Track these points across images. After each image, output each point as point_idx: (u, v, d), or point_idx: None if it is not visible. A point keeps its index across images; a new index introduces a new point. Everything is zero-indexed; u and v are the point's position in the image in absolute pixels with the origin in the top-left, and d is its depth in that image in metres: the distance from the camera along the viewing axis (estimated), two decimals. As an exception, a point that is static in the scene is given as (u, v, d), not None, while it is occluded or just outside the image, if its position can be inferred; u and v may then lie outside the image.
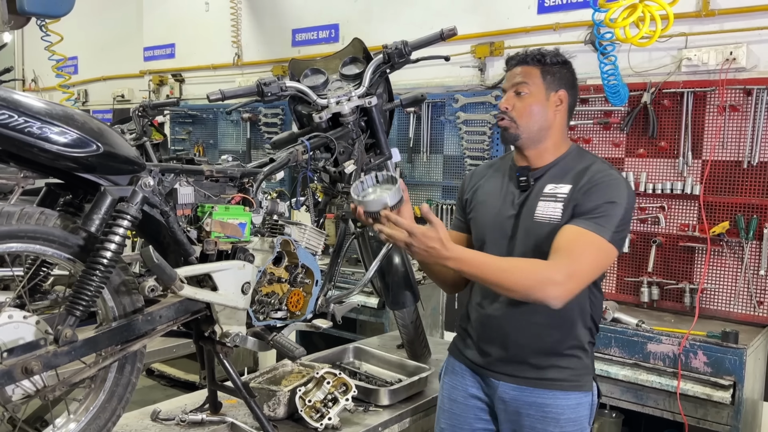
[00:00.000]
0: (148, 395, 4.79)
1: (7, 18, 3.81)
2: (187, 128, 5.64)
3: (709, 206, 3.09)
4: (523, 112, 1.80)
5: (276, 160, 2.07)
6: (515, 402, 1.81)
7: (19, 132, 1.37)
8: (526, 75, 1.81)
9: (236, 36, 5.35)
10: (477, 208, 1.95)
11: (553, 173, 1.81)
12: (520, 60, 1.84)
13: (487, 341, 1.87)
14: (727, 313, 3.06)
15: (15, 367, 1.42)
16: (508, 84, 1.86)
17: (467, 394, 1.92)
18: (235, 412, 2.16)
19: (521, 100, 1.81)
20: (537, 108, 1.80)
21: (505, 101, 1.84)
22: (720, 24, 3.07)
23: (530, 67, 1.82)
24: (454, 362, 1.98)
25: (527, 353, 1.80)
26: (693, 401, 2.65)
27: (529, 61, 1.82)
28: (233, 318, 1.87)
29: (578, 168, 1.79)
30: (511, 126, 1.81)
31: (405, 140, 4.18)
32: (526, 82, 1.80)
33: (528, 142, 1.82)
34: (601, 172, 1.75)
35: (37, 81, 7.64)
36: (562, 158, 1.83)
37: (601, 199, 1.70)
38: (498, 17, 3.83)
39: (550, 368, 1.78)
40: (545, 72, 1.81)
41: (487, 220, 1.89)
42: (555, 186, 1.78)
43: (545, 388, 1.78)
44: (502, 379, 1.83)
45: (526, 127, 1.80)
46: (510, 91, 1.84)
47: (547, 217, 1.76)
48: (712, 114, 3.08)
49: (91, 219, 1.52)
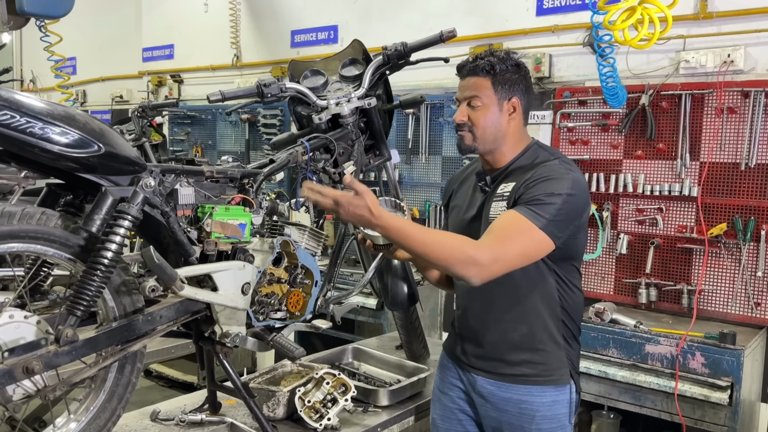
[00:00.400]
0: (146, 396, 4.78)
1: (6, 18, 3.81)
2: (186, 129, 5.64)
3: (707, 208, 3.10)
4: (478, 124, 1.81)
5: (276, 160, 2.08)
6: (493, 397, 1.86)
7: (20, 132, 1.37)
8: (477, 87, 1.82)
9: (235, 37, 5.35)
10: (451, 213, 2.03)
11: (507, 174, 1.85)
12: (470, 71, 1.84)
13: (465, 338, 1.95)
14: (724, 315, 3.07)
15: (16, 366, 1.42)
16: (460, 95, 1.86)
17: (452, 386, 1.99)
18: (235, 412, 2.16)
19: (474, 112, 1.82)
20: (491, 119, 1.81)
21: (459, 114, 1.84)
22: (718, 26, 3.08)
23: (481, 79, 1.81)
24: (444, 356, 2.06)
25: (499, 349, 1.85)
26: (691, 402, 2.66)
27: (479, 72, 1.81)
28: (233, 318, 1.88)
29: (530, 165, 1.82)
30: (467, 137, 1.83)
31: (404, 141, 4.18)
32: (478, 95, 1.81)
33: (484, 150, 1.86)
34: (545, 167, 1.76)
35: (35, 81, 7.63)
36: (517, 159, 1.86)
37: (540, 190, 1.71)
38: (496, 19, 3.84)
39: (522, 363, 1.82)
40: (496, 82, 1.81)
41: (456, 224, 1.97)
42: (504, 185, 1.82)
43: (519, 383, 1.82)
44: (479, 374, 1.89)
45: (482, 137, 1.82)
46: (463, 103, 1.85)
47: (495, 216, 1.79)
48: (710, 116, 3.09)
49: (92, 219, 1.52)
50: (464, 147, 1.86)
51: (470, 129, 1.82)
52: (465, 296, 1.97)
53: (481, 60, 1.83)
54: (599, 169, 3.41)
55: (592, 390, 2.91)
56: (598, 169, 3.42)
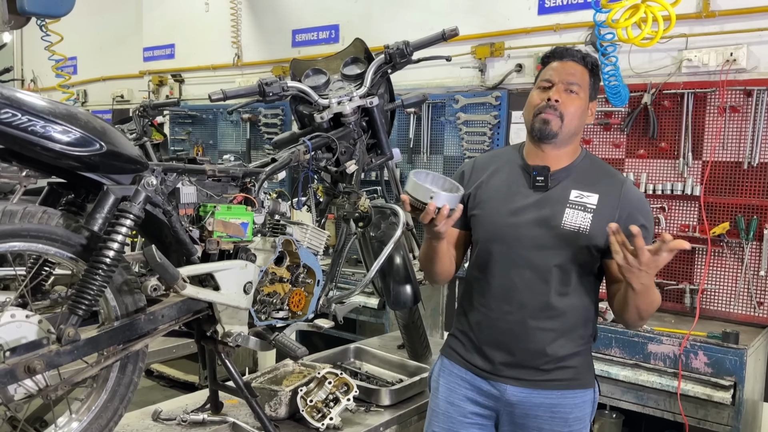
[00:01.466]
0: (147, 396, 4.77)
1: (7, 18, 3.80)
2: (187, 129, 5.64)
3: (710, 207, 3.09)
4: (571, 111, 1.73)
5: (278, 159, 2.07)
6: (523, 404, 1.78)
7: (22, 131, 1.37)
8: (580, 75, 1.75)
9: (236, 36, 5.35)
10: (482, 205, 1.84)
11: (573, 178, 1.77)
12: (576, 57, 1.77)
13: (492, 345, 1.81)
14: (727, 314, 3.06)
15: (18, 366, 1.42)
16: (557, 76, 1.75)
17: (466, 398, 1.85)
18: (236, 412, 2.16)
19: (571, 99, 1.74)
20: (581, 111, 1.76)
21: (556, 94, 1.73)
22: (720, 25, 3.07)
23: (584, 69, 1.76)
24: (451, 365, 1.90)
25: (534, 358, 1.76)
26: (693, 402, 2.65)
27: (585, 62, 1.76)
28: (235, 318, 1.87)
29: (598, 175, 1.78)
30: (556, 122, 1.73)
31: (405, 141, 4.18)
32: (579, 83, 1.74)
33: (558, 142, 1.76)
34: (633, 191, 1.78)
35: (36, 81, 7.63)
36: (578, 162, 1.80)
37: (650, 226, 1.76)
38: (498, 18, 3.83)
39: (556, 369, 1.77)
40: (592, 79, 1.78)
41: (496, 219, 1.80)
42: (581, 194, 1.74)
43: (553, 388, 1.77)
44: (509, 382, 1.79)
45: (568, 126, 1.74)
46: (560, 85, 1.74)
47: (576, 226, 1.72)
48: (713, 115, 3.08)
49: (94, 218, 1.52)
50: (548, 131, 1.73)
51: (561, 114, 1.72)
52: (497, 301, 1.79)
53: (584, 53, 1.78)
54: (601, 169, 3.40)
55: (595, 389, 2.90)
56: (600, 168, 3.41)
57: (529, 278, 1.75)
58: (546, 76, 1.78)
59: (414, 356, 2.64)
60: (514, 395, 1.78)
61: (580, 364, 1.80)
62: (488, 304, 1.81)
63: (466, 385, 1.86)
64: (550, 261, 1.74)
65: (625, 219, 1.69)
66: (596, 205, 1.73)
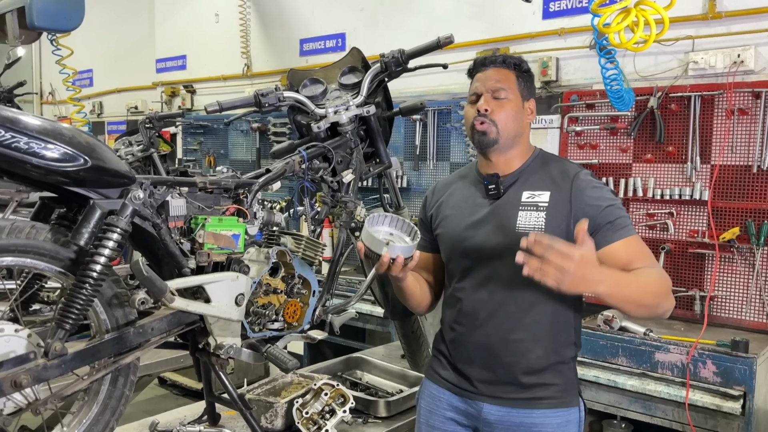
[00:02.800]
0: (160, 405, 4.80)
1: (18, 33, 3.86)
2: (199, 139, 5.69)
3: (719, 212, 3.03)
4: (503, 117, 1.72)
5: (272, 170, 2.07)
6: (501, 423, 1.71)
7: (5, 147, 1.38)
8: (505, 79, 1.74)
9: (245, 47, 5.39)
10: (443, 223, 1.83)
11: (525, 179, 1.75)
12: (498, 62, 1.76)
13: (466, 362, 1.75)
14: (738, 321, 2.99)
15: (4, 380, 1.42)
16: (483, 87, 1.75)
17: (445, 419, 1.79)
18: (234, 423, 2.16)
19: (501, 105, 1.72)
20: (515, 114, 1.74)
21: (485, 103, 1.72)
22: (727, 26, 3.02)
23: (508, 71, 1.75)
24: (431, 385, 1.85)
25: (511, 373, 1.70)
26: (702, 412, 2.59)
27: (507, 65, 1.75)
28: (227, 330, 1.87)
29: (550, 172, 1.74)
30: (491, 131, 1.72)
31: (411, 148, 4.17)
32: (505, 88, 1.73)
33: (502, 148, 1.75)
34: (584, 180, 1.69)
35: (54, 94, 7.76)
36: (529, 163, 1.77)
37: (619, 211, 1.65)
38: (503, 23, 3.81)
39: (535, 387, 1.69)
40: (520, 79, 1.76)
41: (456, 233, 1.78)
42: (532, 194, 1.71)
43: (532, 407, 1.69)
44: (485, 401, 1.72)
45: (505, 132, 1.72)
46: (487, 94, 1.73)
47: (530, 227, 1.67)
48: (721, 118, 3.03)
49: (80, 233, 1.52)
50: (488, 141, 1.72)
51: (493, 122, 1.71)
52: (467, 317, 1.75)
53: (504, 56, 1.78)
54: (608, 174, 3.36)
55: (602, 399, 2.85)
56: (607, 173, 3.37)
57: (494, 289, 1.70)
58: (472, 90, 1.78)
59: (415, 366, 2.62)
60: (492, 414, 1.71)
61: (562, 380, 1.72)
62: (460, 320, 1.76)
63: (444, 405, 1.80)
64: (511, 268, 1.62)
65: (583, 209, 1.64)
66: (548, 201, 1.68)
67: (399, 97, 3.75)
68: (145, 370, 3.15)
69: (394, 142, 4.26)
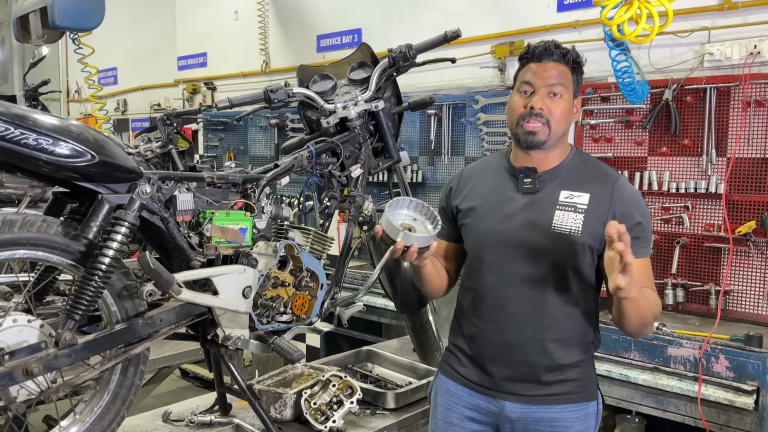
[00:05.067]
0: (182, 396, 4.86)
1: (40, 32, 3.96)
2: (219, 135, 5.76)
3: (735, 205, 2.99)
4: (557, 116, 1.65)
5: (280, 165, 2.11)
6: (522, 420, 1.70)
7: (15, 144, 1.43)
8: (562, 75, 1.66)
9: (264, 44, 5.44)
10: (471, 214, 1.78)
11: (563, 178, 1.70)
12: (556, 56, 1.66)
13: (489, 360, 1.73)
14: (755, 316, 2.95)
15: (16, 369, 1.48)
16: (539, 81, 1.66)
17: (464, 416, 1.78)
18: (245, 413, 2.20)
19: (556, 103, 1.65)
20: (567, 113, 1.68)
21: (540, 101, 1.65)
22: (744, 17, 2.97)
23: (565, 68, 1.67)
24: (448, 382, 1.83)
25: (534, 370, 1.68)
26: (715, 407, 2.57)
27: (567, 60, 1.67)
28: (235, 321, 1.91)
29: (589, 174, 1.71)
30: (543, 131, 1.65)
31: (426, 142, 4.17)
32: (563, 84, 1.65)
33: (548, 147, 1.69)
34: (627, 188, 1.69)
35: (80, 92, 7.91)
36: (567, 162, 1.73)
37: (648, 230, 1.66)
38: (517, 16, 3.79)
39: (556, 383, 1.69)
40: (575, 76, 1.69)
41: (486, 226, 1.74)
42: (571, 194, 1.67)
43: (554, 403, 1.69)
44: (507, 398, 1.70)
45: (555, 133, 1.66)
46: (542, 90, 1.65)
47: (567, 228, 1.64)
48: (737, 110, 2.98)
49: (89, 226, 1.57)
50: (536, 142, 1.66)
51: (548, 121, 1.65)
52: (492, 313, 1.71)
53: (563, 49, 1.68)
54: (623, 167, 3.33)
55: (614, 394, 2.84)
56: (622, 166, 3.34)
57: (523, 286, 1.68)
58: (525, 79, 1.69)
59: (424, 359, 2.64)
60: (513, 411, 1.70)
61: (582, 375, 1.72)
62: (482, 315, 1.74)
63: (464, 403, 1.78)
64: (543, 266, 1.67)
65: (618, 218, 1.61)
66: (587, 205, 1.65)
67: (414, 92, 3.77)
68: (165, 361, 3.23)
69: (409, 136, 4.27)
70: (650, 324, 1.62)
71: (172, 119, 3.87)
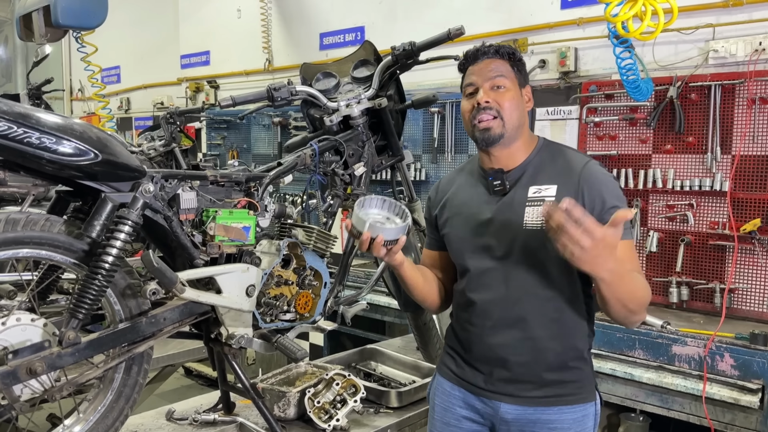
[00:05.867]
0: (186, 394, 4.88)
1: (44, 31, 3.96)
2: (222, 134, 5.76)
3: (740, 203, 2.97)
4: (506, 107, 1.65)
5: (283, 163, 2.10)
6: (518, 421, 1.68)
7: (18, 142, 1.43)
8: (500, 68, 1.67)
9: (267, 42, 5.43)
10: (450, 222, 1.79)
11: (531, 174, 1.69)
12: (490, 53, 1.69)
13: (482, 361, 1.72)
14: (759, 314, 2.94)
15: (20, 367, 1.48)
16: (480, 78, 1.68)
17: (460, 416, 1.77)
18: (248, 412, 2.20)
19: (501, 94, 1.66)
20: (516, 102, 1.67)
21: (485, 95, 1.65)
22: (749, 13, 2.96)
23: (503, 62, 1.69)
24: (445, 382, 1.82)
25: (529, 371, 1.66)
26: (720, 405, 2.56)
27: (501, 54, 1.69)
28: (238, 320, 1.91)
29: (556, 164, 1.68)
30: (497, 123, 1.65)
31: (429, 140, 4.16)
32: (504, 75, 1.67)
33: (506, 141, 1.68)
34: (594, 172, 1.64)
35: (83, 91, 7.92)
36: (534, 156, 1.71)
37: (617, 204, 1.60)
38: (521, 14, 3.78)
39: (553, 384, 1.67)
40: (515, 66, 1.70)
41: (464, 233, 1.74)
42: (539, 188, 1.66)
43: (550, 405, 1.67)
44: (503, 399, 1.69)
45: (510, 123, 1.66)
46: (485, 84, 1.66)
47: (539, 223, 1.61)
48: (742, 107, 2.97)
49: (92, 225, 1.57)
50: (493, 136, 1.65)
51: (498, 113, 1.65)
52: (481, 317, 1.71)
53: (496, 46, 1.72)
54: (628, 165, 3.32)
55: (618, 392, 2.83)
56: (626, 164, 3.32)
57: (509, 288, 1.66)
58: (467, 82, 1.71)
59: (428, 358, 2.63)
60: (509, 412, 1.69)
61: (579, 376, 1.70)
62: (471, 320, 1.73)
63: (460, 404, 1.77)
64: (523, 266, 1.64)
65: (588, 203, 1.58)
66: (555, 196, 1.62)
67: (417, 90, 3.76)
68: (168, 360, 3.23)
69: (413, 134, 4.26)
70: (636, 309, 1.55)
71: (175, 118, 3.87)
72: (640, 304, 1.55)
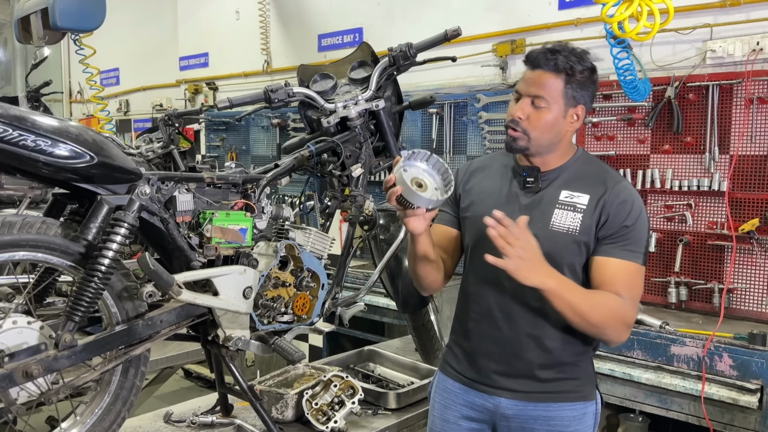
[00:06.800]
0: (185, 396, 4.87)
1: (42, 33, 3.96)
2: (221, 135, 5.75)
3: (738, 203, 2.97)
4: (537, 126, 1.64)
5: (281, 165, 2.10)
6: (518, 417, 1.70)
7: (13, 145, 1.43)
8: (547, 86, 1.62)
9: (265, 43, 5.43)
10: (473, 207, 1.79)
11: (566, 179, 1.70)
12: (549, 65, 1.61)
13: (484, 355, 1.73)
14: (758, 314, 2.93)
15: (16, 370, 1.48)
16: (524, 88, 1.65)
17: (460, 415, 1.78)
18: (246, 414, 2.20)
19: (537, 114, 1.63)
20: (551, 125, 1.64)
21: (519, 110, 1.65)
22: (746, 13, 2.95)
23: (554, 77, 1.61)
24: (446, 380, 1.84)
25: (530, 367, 1.69)
26: (719, 406, 2.55)
27: (559, 69, 1.60)
28: (236, 322, 1.91)
29: (592, 176, 1.70)
30: (521, 138, 1.65)
31: (428, 141, 4.16)
32: (544, 97, 1.62)
33: (535, 154, 1.70)
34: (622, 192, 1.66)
35: (82, 93, 7.92)
36: (572, 163, 1.73)
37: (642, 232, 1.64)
38: (519, 14, 3.78)
39: (554, 380, 1.69)
40: (569, 85, 1.62)
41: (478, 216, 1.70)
42: (571, 194, 1.67)
43: (550, 401, 1.68)
44: (503, 395, 1.71)
45: (537, 141, 1.66)
46: (526, 99, 1.64)
47: (565, 227, 1.65)
48: (739, 107, 2.96)
49: (88, 227, 1.57)
50: (517, 146, 1.67)
51: (525, 130, 1.64)
52: (488, 310, 1.72)
53: (561, 55, 1.61)
54: (626, 165, 3.32)
55: (617, 393, 2.83)
56: (624, 164, 3.32)
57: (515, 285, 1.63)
58: (518, 85, 1.69)
59: (426, 359, 2.63)
60: (509, 408, 1.71)
61: (580, 374, 1.72)
62: (480, 311, 1.74)
63: (460, 401, 1.78)
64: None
65: (607, 216, 1.63)
66: (586, 205, 1.66)
67: (415, 91, 3.76)
68: (167, 362, 3.23)
69: (411, 135, 4.26)
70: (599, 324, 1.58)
71: (174, 119, 3.87)
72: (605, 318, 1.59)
